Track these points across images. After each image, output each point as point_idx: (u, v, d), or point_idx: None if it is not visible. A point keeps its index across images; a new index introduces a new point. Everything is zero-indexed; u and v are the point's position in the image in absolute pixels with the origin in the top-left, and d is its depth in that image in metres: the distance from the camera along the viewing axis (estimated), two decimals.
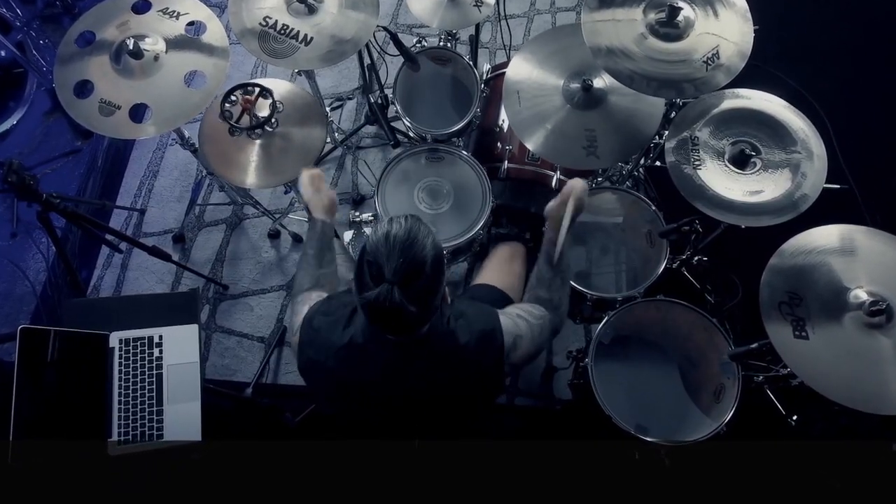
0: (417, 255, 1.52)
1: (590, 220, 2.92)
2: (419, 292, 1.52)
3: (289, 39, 2.66)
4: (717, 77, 2.32)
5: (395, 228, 1.54)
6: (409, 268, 1.50)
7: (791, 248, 2.20)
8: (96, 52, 2.57)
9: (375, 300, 1.50)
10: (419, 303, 1.53)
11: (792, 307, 2.10)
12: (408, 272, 1.50)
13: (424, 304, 1.56)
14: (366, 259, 1.54)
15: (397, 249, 1.50)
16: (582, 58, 2.56)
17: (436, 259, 1.56)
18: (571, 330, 3.28)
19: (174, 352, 2.44)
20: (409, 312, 1.51)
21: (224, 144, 2.61)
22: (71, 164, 3.63)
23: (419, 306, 1.53)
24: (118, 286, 3.56)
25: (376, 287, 1.50)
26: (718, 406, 2.41)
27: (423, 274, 1.52)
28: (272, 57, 2.64)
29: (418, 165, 2.86)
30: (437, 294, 1.60)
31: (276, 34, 2.66)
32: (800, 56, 3.82)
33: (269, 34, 2.66)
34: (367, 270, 1.53)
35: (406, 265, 1.50)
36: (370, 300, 1.51)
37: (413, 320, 1.58)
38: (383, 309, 1.50)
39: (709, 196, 2.38)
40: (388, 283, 1.49)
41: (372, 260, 1.52)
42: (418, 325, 1.64)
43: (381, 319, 1.57)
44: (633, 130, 2.55)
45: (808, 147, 2.43)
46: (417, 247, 1.52)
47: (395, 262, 1.49)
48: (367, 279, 1.53)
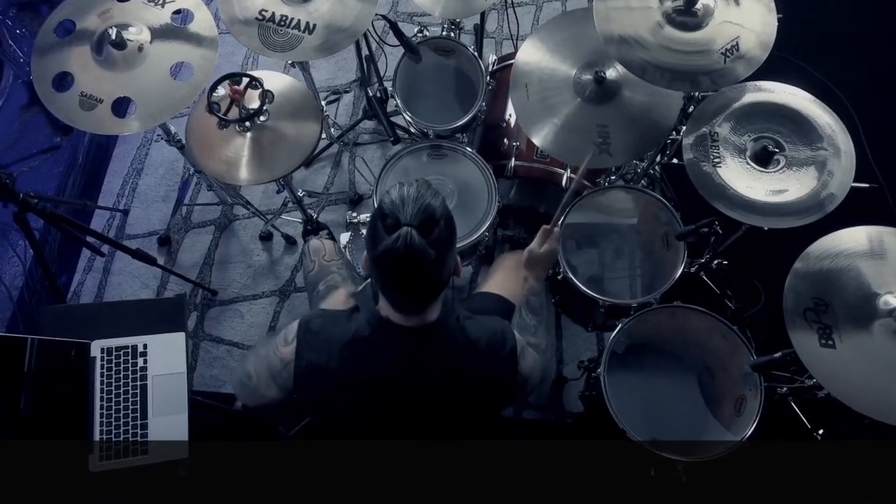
0: (432, 204, 1.58)
1: (603, 222, 2.92)
2: (436, 239, 1.57)
3: (290, 30, 2.67)
4: (736, 69, 2.32)
5: (407, 186, 1.60)
6: (425, 213, 1.56)
7: (817, 251, 2.20)
8: (76, 43, 2.57)
9: (393, 245, 1.53)
10: (438, 249, 1.57)
11: (818, 314, 2.10)
12: (424, 217, 1.55)
13: (441, 255, 1.60)
14: (379, 214, 1.59)
15: (411, 199, 1.56)
16: (594, 48, 2.57)
17: (447, 216, 1.63)
18: (583, 339, 3.28)
19: (159, 362, 2.44)
20: (429, 257, 1.55)
21: (212, 140, 2.62)
22: (49, 161, 3.63)
23: (438, 252, 1.57)
24: (100, 292, 3.57)
25: (393, 234, 1.54)
26: (739, 419, 2.40)
27: (438, 223, 1.58)
28: (275, 51, 2.65)
29: (420, 163, 2.86)
30: (451, 248, 1.66)
31: (275, 26, 2.67)
32: (826, 46, 3.82)
33: (269, 27, 2.67)
34: (381, 224, 1.57)
35: (423, 210, 1.55)
36: (388, 247, 1.54)
37: (432, 272, 1.62)
38: (401, 255, 1.53)
39: (729, 195, 2.38)
40: (407, 226, 1.53)
41: (387, 212, 1.56)
42: (436, 284, 1.68)
43: (399, 272, 1.60)
44: (648, 126, 2.55)
45: (835, 143, 2.43)
46: (431, 197, 1.59)
47: (412, 208, 1.55)
48: (382, 232, 1.57)
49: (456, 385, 1.80)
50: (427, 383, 1.79)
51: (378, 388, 1.79)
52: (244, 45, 2.66)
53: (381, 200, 1.61)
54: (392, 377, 1.77)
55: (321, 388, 1.82)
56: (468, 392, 1.83)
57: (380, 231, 1.57)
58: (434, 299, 1.72)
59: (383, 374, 1.77)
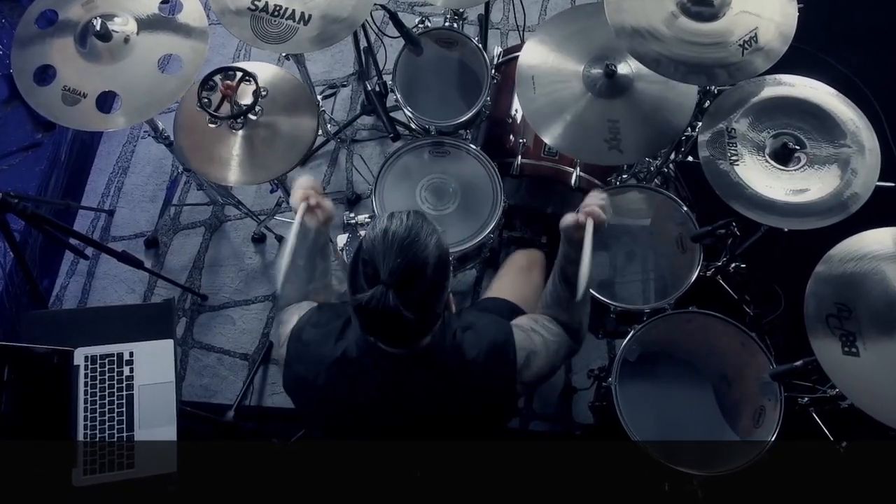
0: (418, 256, 1.50)
1: (614, 223, 2.89)
2: (418, 297, 1.51)
3: (284, 21, 2.66)
4: (755, 62, 2.32)
5: (395, 225, 1.52)
6: (407, 269, 1.49)
7: (840, 254, 2.20)
8: (59, 34, 2.58)
9: (368, 303, 1.47)
10: (418, 309, 1.51)
11: (841, 320, 2.10)
12: (406, 274, 1.48)
13: (424, 311, 1.55)
14: (361, 258, 1.53)
15: (395, 248, 1.48)
16: (605, 40, 2.57)
17: (440, 261, 1.55)
18: (593, 346, 3.28)
19: (147, 370, 2.45)
20: (406, 319, 1.49)
21: (202, 137, 2.62)
22: (31, 159, 3.63)
23: (418, 313, 1.51)
24: (84, 297, 3.58)
25: (370, 289, 1.48)
26: (758, 431, 2.41)
27: (423, 276, 1.51)
28: (269, 42, 2.64)
29: (421, 161, 2.87)
30: (439, 300, 1.60)
31: (269, 17, 2.67)
32: (850, 37, 3.82)
33: (262, 18, 2.66)
34: (362, 270, 1.52)
35: (404, 265, 1.48)
36: (362, 303, 1.49)
37: (411, 329, 1.58)
38: (376, 313, 1.48)
39: (747, 195, 2.38)
40: (383, 285, 1.47)
41: (368, 259, 1.51)
42: (417, 335, 1.64)
43: (375, 326, 1.58)
44: (661, 122, 2.56)
45: (859, 140, 2.43)
46: (419, 246, 1.51)
47: (392, 262, 1.47)
48: (362, 280, 1.52)
49: (449, 407, 1.79)
50: (416, 409, 1.78)
51: (366, 411, 1.79)
52: (236, 36, 2.66)
53: (364, 237, 1.56)
54: (380, 401, 1.76)
55: (310, 402, 1.83)
56: (463, 413, 1.81)
57: (359, 277, 1.53)
58: (421, 338, 1.67)
59: (371, 397, 1.76)
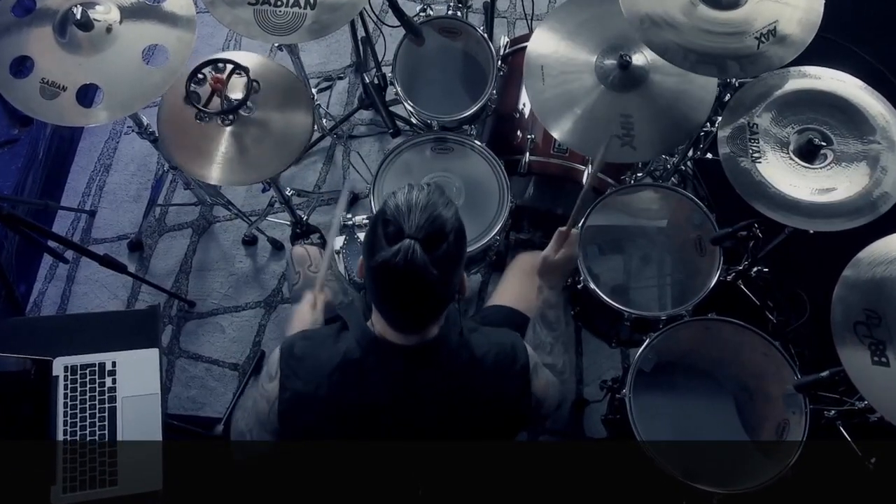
0: (442, 216, 1.57)
1: (628, 224, 2.92)
2: (442, 257, 1.56)
3: (289, 9, 2.66)
4: (769, 55, 2.31)
5: (417, 191, 1.59)
6: (433, 226, 1.55)
7: (869, 258, 2.20)
8: (37, 23, 2.57)
9: (393, 258, 1.51)
10: (442, 268, 1.56)
11: (870, 328, 2.10)
12: (431, 230, 1.54)
13: (446, 274, 1.59)
14: (381, 219, 1.58)
15: (420, 207, 1.55)
16: (619, 29, 2.57)
17: (458, 230, 1.62)
18: (606, 355, 3.28)
19: (130, 381, 2.45)
20: (431, 279, 1.54)
21: (190, 133, 2.62)
22: (6, 156, 3.64)
23: (441, 272, 1.56)
24: (63, 303, 3.58)
25: (393, 246, 1.52)
26: (781, 446, 2.40)
27: (446, 238, 1.57)
28: (276, 34, 2.65)
29: (422, 158, 2.87)
30: (458, 267, 1.65)
31: (272, 7, 2.66)
32: (880, 26, 3.81)
33: (265, 9, 2.66)
34: (382, 232, 1.56)
35: (430, 222, 1.54)
36: (385, 259, 1.52)
37: (434, 294, 1.62)
38: (399, 272, 1.52)
39: (770, 195, 2.38)
40: (411, 239, 1.52)
41: (391, 219, 1.55)
42: (435, 309, 1.68)
43: (396, 288, 1.60)
44: (678, 117, 2.56)
45: (890, 136, 2.43)
46: (442, 209, 1.58)
47: (418, 219, 1.53)
48: (382, 241, 1.56)
49: (460, 408, 1.81)
50: (427, 408, 1.79)
51: (373, 415, 1.79)
52: (225, 25, 2.66)
53: (384, 202, 1.60)
54: (388, 402, 1.77)
55: (309, 420, 1.82)
56: (474, 415, 1.83)
57: (380, 238, 1.56)
58: (435, 319, 1.72)
59: (378, 399, 1.77)
